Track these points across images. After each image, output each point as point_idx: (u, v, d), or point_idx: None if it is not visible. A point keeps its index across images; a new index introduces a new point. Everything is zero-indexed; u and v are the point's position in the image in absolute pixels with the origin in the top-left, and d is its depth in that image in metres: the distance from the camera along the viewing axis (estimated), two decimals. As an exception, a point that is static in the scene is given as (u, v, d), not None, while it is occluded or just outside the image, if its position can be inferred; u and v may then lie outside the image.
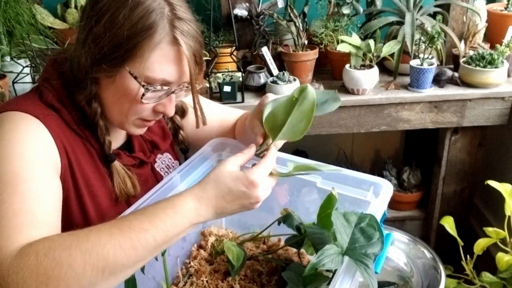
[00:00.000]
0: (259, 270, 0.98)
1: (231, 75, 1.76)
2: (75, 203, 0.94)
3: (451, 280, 1.58)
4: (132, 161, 1.04)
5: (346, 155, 2.35)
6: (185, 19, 0.89)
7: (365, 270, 0.72)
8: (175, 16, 0.87)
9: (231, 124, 1.20)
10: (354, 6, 1.79)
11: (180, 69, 0.89)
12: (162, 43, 0.86)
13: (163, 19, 0.86)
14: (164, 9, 0.87)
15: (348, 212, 0.81)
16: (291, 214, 0.96)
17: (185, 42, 0.87)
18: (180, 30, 0.87)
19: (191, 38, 0.89)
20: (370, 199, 0.95)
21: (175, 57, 0.88)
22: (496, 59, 1.64)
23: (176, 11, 0.88)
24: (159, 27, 0.85)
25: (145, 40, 0.85)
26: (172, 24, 0.87)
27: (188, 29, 0.89)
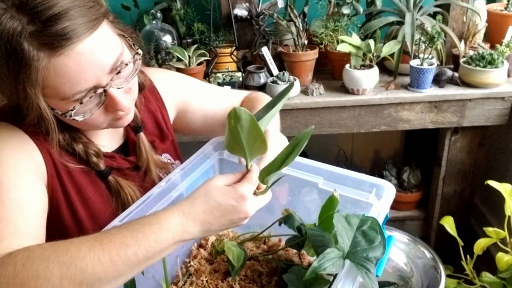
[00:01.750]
0: (259, 270, 0.98)
1: (231, 75, 1.76)
2: (66, 211, 0.92)
3: (451, 280, 1.58)
4: (127, 164, 1.02)
5: (346, 155, 2.35)
6: (51, 15, 0.73)
7: (366, 274, 0.71)
8: (38, 21, 0.73)
9: None
10: (354, 6, 1.79)
11: (90, 67, 0.77)
12: (41, 64, 0.73)
13: (24, 39, 0.73)
14: (21, 24, 0.73)
15: (350, 214, 0.81)
16: (292, 215, 0.96)
17: (68, 43, 0.74)
18: (51, 35, 0.73)
19: (72, 27, 0.74)
20: (372, 201, 0.94)
21: (71, 64, 0.76)
22: (496, 59, 1.64)
23: (37, 14, 0.73)
24: (25, 52, 0.72)
25: (27, 74, 0.74)
26: (37, 37, 0.73)
27: (62, 25, 0.73)
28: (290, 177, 1.00)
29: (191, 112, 1.17)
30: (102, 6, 0.81)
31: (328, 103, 1.68)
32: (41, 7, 0.73)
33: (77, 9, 0.75)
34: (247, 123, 0.71)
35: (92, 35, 0.77)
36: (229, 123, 0.72)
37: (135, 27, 2.02)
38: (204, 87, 1.22)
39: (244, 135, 0.73)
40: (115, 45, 0.82)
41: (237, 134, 0.73)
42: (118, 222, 0.86)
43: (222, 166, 1.15)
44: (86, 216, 0.94)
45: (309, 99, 1.69)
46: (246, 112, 0.71)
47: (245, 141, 0.74)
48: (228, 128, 0.73)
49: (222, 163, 1.14)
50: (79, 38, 0.75)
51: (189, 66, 1.74)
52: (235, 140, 0.74)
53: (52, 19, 0.73)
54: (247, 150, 0.76)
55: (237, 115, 0.70)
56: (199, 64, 1.76)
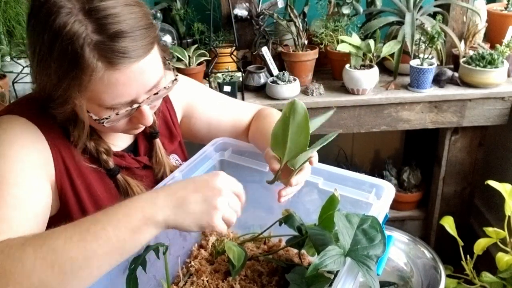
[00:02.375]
0: (260, 270, 0.98)
1: (231, 75, 1.76)
2: (75, 208, 0.92)
3: (451, 280, 1.58)
4: (136, 164, 1.02)
5: (346, 155, 2.35)
6: (116, 31, 0.76)
7: (367, 271, 0.72)
8: (103, 34, 0.76)
9: (245, 124, 1.18)
10: (354, 6, 1.79)
11: (136, 85, 0.81)
12: (97, 74, 0.76)
13: (86, 46, 0.75)
14: (86, 31, 0.75)
15: (350, 213, 0.81)
16: (292, 215, 0.96)
17: (127, 61, 0.77)
18: (114, 51, 0.76)
19: (133, 48, 0.77)
20: (372, 201, 0.94)
21: (122, 80, 0.79)
22: (496, 59, 1.64)
23: (104, 26, 0.75)
24: (85, 58, 0.75)
25: (77, 77, 0.76)
26: (100, 48, 0.75)
27: (126, 43, 0.76)
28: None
29: (195, 118, 1.17)
30: (156, 29, 0.85)
31: (328, 103, 1.68)
32: (109, 20, 0.76)
33: (140, 31, 0.79)
34: (300, 116, 0.77)
35: (147, 57, 0.81)
36: (284, 112, 0.78)
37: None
38: (212, 95, 1.21)
39: (293, 127, 0.78)
40: (159, 68, 0.86)
41: (288, 125, 0.78)
42: None
43: (223, 167, 1.15)
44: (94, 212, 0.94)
45: (309, 99, 1.69)
46: (303, 106, 0.77)
47: (292, 133, 0.79)
48: (281, 118, 0.79)
49: (223, 164, 1.14)
50: (137, 59, 0.79)
51: (189, 66, 1.74)
52: (284, 131, 0.79)
53: (117, 35, 0.76)
54: (289, 143, 0.81)
55: (294, 107, 0.77)
56: (199, 64, 1.76)
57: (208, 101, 1.18)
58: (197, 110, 1.16)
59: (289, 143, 0.81)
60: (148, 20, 0.82)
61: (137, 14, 0.79)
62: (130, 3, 0.80)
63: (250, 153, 1.09)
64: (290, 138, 0.80)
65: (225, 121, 1.17)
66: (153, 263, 0.92)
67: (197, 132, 1.18)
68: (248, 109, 1.21)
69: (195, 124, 1.17)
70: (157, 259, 0.91)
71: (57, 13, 0.74)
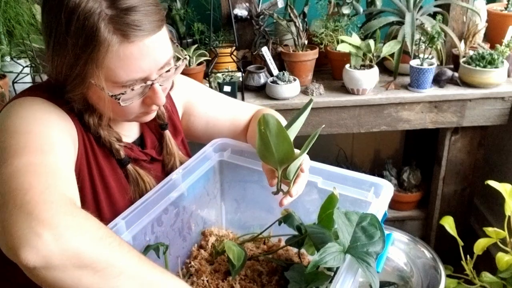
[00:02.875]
0: (260, 270, 0.98)
1: (231, 75, 1.76)
2: (89, 192, 0.94)
3: (451, 280, 1.58)
4: (143, 157, 1.04)
5: (346, 155, 2.35)
6: (129, 5, 0.80)
7: (367, 268, 0.73)
8: (117, 8, 0.80)
9: (243, 124, 1.18)
10: (354, 6, 1.79)
11: (149, 60, 0.85)
12: (113, 47, 0.80)
13: (102, 21, 0.79)
14: (100, 7, 0.79)
15: (349, 211, 0.82)
16: (291, 214, 0.96)
17: (140, 34, 0.81)
18: (128, 24, 0.80)
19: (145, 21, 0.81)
20: (371, 200, 0.95)
21: (136, 53, 0.82)
22: (496, 59, 1.64)
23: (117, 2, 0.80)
24: (100, 32, 0.78)
25: (93, 52, 0.80)
26: (114, 22, 0.79)
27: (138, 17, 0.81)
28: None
29: (194, 116, 1.17)
30: (164, 10, 0.90)
31: (328, 103, 1.68)
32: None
33: (151, 7, 0.83)
34: (275, 127, 0.78)
35: (158, 33, 0.84)
36: (259, 129, 0.79)
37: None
38: (211, 94, 1.22)
39: (272, 139, 0.79)
40: (169, 46, 0.90)
41: (267, 139, 0.79)
42: (121, 219, 0.87)
43: (222, 168, 1.15)
44: (105, 199, 0.96)
45: (309, 99, 1.69)
46: (273, 117, 0.78)
47: (274, 145, 0.80)
48: (258, 135, 0.80)
49: (222, 164, 1.14)
50: (149, 32, 0.82)
51: (189, 66, 1.74)
52: (266, 146, 0.80)
53: (130, 9, 0.80)
54: (276, 155, 0.82)
55: (266, 120, 0.77)
56: (199, 64, 1.76)
57: (207, 100, 1.19)
58: (196, 108, 1.17)
59: (276, 154, 0.82)
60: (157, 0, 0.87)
61: None
62: None
63: (250, 153, 1.09)
64: (275, 149, 0.82)
65: (223, 120, 1.18)
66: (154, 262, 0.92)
67: (195, 130, 1.19)
68: (247, 109, 1.22)
69: (193, 122, 1.18)
70: (157, 259, 0.91)
71: None
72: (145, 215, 0.92)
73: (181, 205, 1.05)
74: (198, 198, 1.11)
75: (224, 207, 1.21)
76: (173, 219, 1.03)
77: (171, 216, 1.02)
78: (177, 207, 1.03)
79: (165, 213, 0.99)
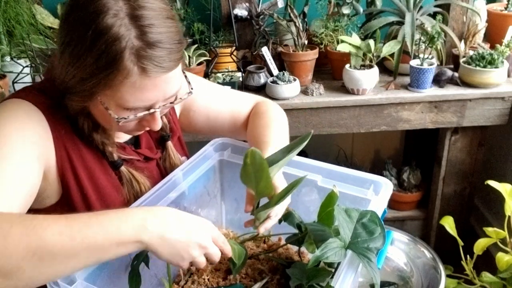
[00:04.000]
0: (260, 268, 0.98)
1: (231, 75, 1.77)
2: (77, 195, 0.93)
3: (451, 280, 1.58)
4: (137, 156, 1.04)
5: (346, 155, 2.35)
6: (156, 40, 0.80)
7: (368, 263, 0.73)
8: (144, 41, 0.80)
9: (243, 117, 1.18)
10: (354, 6, 1.80)
11: (159, 93, 0.86)
12: (130, 77, 0.80)
13: (127, 50, 0.78)
14: (129, 35, 0.79)
15: (349, 208, 0.82)
16: (292, 213, 0.96)
17: (159, 71, 0.82)
18: (151, 59, 0.80)
19: (167, 59, 0.82)
20: (370, 197, 0.95)
21: (150, 86, 0.83)
22: (496, 59, 1.64)
23: (146, 34, 0.80)
24: (124, 60, 0.78)
25: (110, 76, 0.80)
26: (139, 55, 0.79)
27: (162, 53, 0.81)
28: (291, 176, 1.00)
29: (193, 111, 1.17)
30: (185, 45, 0.90)
31: (328, 103, 1.69)
32: (152, 29, 0.80)
33: (175, 45, 0.83)
34: (259, 164, 0.79)
35: (174, 69, 0.85)
36: (245, 160, 0.79)
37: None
38: (210, 87, 1.22)
39: (255, 173, 0.80)
40: (180, 80, 0.90)
41: (250, 171, 0.80)
42: None
43: (222, 167, 1.15)
44: (97, 200, 0.96)
45: (309, 99, 1.69)
46: (260, 156, 0.78)
47: (255, 178, 0.82)
48: (243, 163, 0.80)
49: (222, 164, 1.14)
50: (168, 70, 0.83)
51: (189, 66, 1.74)
52: (248, 176, 0.82)
53: (156, 45, 0.80)
54: (255, 186, 0.83)
55: (253, 155, 0.78)
56: (199, 64, 1.76)
57: (206, 94, 1.18)
58: (196, 102, 1.16)
59: (256, 186, 0.83)
60: (181, 35, 0.87)
61: (174, 28, 0.84)
62: (169, 16, 0.84)
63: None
64: (255, 182, 0.83)
65: (224, 113, 1.17)
66: (154, 262, 0.92)
67: (196, 125, 1.19)
68: (247, 101, 1.21)
69: (193, 116, 1.17)
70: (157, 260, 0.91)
71: (105, 13, 0.78)
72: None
73: (181, 204, 1.05)
74: (199, 198, 1.12)
75: (224, 207, 1.21)
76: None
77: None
78: (178, 206, 1.03)
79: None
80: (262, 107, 1.18)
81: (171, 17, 0.85)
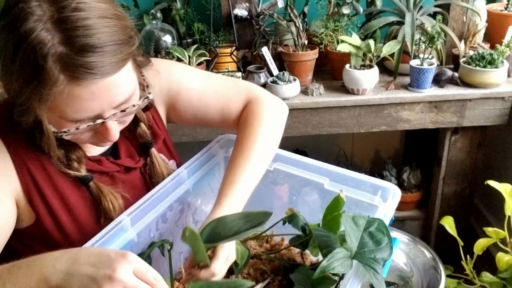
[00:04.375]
0: (262, 269, 0.98)
1: (231, 75, 1.76)
2: (48, 220, 0.90)
3: (451, 280, 1.58)
4: (116, 168, 0.97)
5: (346, 155, 2.35)
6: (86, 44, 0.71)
7: (374, 275, 0.72)
8: (70, 45, 0.71)
9: (233, 117, 1.08)
10: (354, 6, 1.79)
11: (101, 101, 0.77)
12: (58, 85, 0.72)
13: (50, 57, 0.70)
14: (52, 40, 0.70)
15: (356, 215, 0.81)
16: (296, 215, 0.96)
17: (93, 77, 0.73)
18: (79, 66, 0.72)
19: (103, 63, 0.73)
20: (377, 204, 0.94)
21: (85, 95, 0.75)
22: (496, 59, 1.64)
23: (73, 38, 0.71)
24: (47, 69, 0.70)
25: (38, 87, 0.72)
26: (65, 62, 0.71)
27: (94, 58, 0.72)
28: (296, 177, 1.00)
29: (179, 110, 1.08)
30: (134, 43, 0.80)
31: (328, 103, 1.68)
32: (79, 32, 0.72)
33: (112, 46, 0.75)
34: (194, 241, 0.75)
35: (115, 74, 0.76)
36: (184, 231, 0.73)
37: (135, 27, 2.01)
38: (195, 81, 1.08)
39: (191, 245, 0.76)
40: (130, 85, 0.82)
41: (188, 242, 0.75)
42: (126, 216, 0.88)
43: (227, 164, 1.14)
44: (69, 221, 0.92)
45: (309, 99, 1.69)
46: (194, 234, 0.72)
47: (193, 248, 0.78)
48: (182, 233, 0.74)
49: (227, 161, 1.13)
50: (103, 76, 0.74)
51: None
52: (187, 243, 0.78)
53: (85, 49, 0.72)
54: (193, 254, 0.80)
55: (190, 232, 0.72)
56: (199, 64, 1.76)
57: (191, 91, 1.07)
58: (180, 102, 1.07)
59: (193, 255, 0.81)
60: (126, 34, 0.78)
61: (112, 28, 0.75)
62: (106, 15, 0.75)
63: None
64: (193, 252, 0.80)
65: (212, 113, 1.08)
66: (156, 259, 0.92)
67: (185, 122, 1.12)
68: (238, 96, 1.08)
69: (180, 116, 1.09)
70: (160, 255, 0.91)
71: (25, 18, 0.71)
72: (151, 211, 0.93)
73: (186, 201, 1.04)
74: (203, 195, 1.11)
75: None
76: (177, 216, 1.03)
77: (176, 212, 1.02)
78: (182, 204, 1.03)
79: (170, 209, 0.99)
80: (251, 113, 1.05)
81: (111, 16, 0.76)
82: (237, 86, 1.11)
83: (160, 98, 1.07)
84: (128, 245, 0.90)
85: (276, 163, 1.05)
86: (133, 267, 0.68)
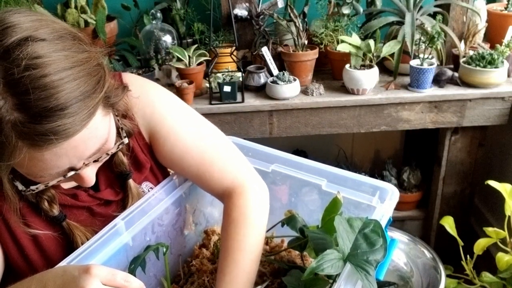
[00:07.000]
0: (262, 271, 0.98)
1: (231, 75, 1.76)
2: (14, 250, 0.86)
3: (451, 280, 1.58)
4: (95, 201, 0.91)
5: (346, 155, 2.35)
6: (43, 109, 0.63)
7: (365, 277, 0.71)
8: (25, 112, 0.63)
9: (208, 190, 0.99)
10: (354, 6, 1.79)
11: (69, 158, 0.71)
12: (19, 154, 0.65)
13: (5, 124, 0.63)
14: (5, 106, 0.62)
15: (352, 217, 0.80)
16: (295, 216, 0.95)
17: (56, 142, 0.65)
18: (38, 134, 0.64)
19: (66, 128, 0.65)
20: (375, 204, 0.93)
21: (50, 156, 0.68)
22: (496, 59, 1.64)
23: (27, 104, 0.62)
24: (3, 136, 0.63)
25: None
26: (21, 131, 0.63)
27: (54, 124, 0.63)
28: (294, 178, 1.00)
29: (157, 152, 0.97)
30: (103, 85, 0.71)
31: (328, 103, 1.68)
32: (35, 95, 0.62)
33: (76, 104, 0.66)
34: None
35: (83, 129, 0.68)
36: None
37: (135, 27, 2.02)
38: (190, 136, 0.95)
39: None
40: (101, 134, 0.75)
41: None
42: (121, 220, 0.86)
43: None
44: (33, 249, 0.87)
45: (309, 99, 1.69)
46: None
47: None
48: None
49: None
50: (67, 138, 0.67)
51: (189, 66, 1.74)
52: None
53: (45, 114, 0.63)
54: None
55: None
56: (199, 64, 1.76)
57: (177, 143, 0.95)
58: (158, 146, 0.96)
59: None
60: (93, 80, 0.69)
61: (75, 81, 0.66)
62: (66, 65, 0.66)
63: (254, 152, 1.09)
64: None
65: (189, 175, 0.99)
66: (154, 262, 0.92)
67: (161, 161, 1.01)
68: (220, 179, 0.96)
69: (159, 157, 0.99)
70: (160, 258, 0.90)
71: None
72: (145, 215, 0.92)
73: (183, 204, 1.04)
74: (201, 197, 1.11)
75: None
76: (175, 218, 1.03)
77: (173, 215, 1.02)
78: (179, 206, 1.03)
79: (166, 212, 0.99)
80: (236, 207, 0.94)
81: (73, 63, 0.67)
82: (225, 166, 0.96)
83: (144, 129, 0.96)
84: (123, 249, 0.88)
85: (274, 165, 1.05)
86: (100, 279, 0.64)
